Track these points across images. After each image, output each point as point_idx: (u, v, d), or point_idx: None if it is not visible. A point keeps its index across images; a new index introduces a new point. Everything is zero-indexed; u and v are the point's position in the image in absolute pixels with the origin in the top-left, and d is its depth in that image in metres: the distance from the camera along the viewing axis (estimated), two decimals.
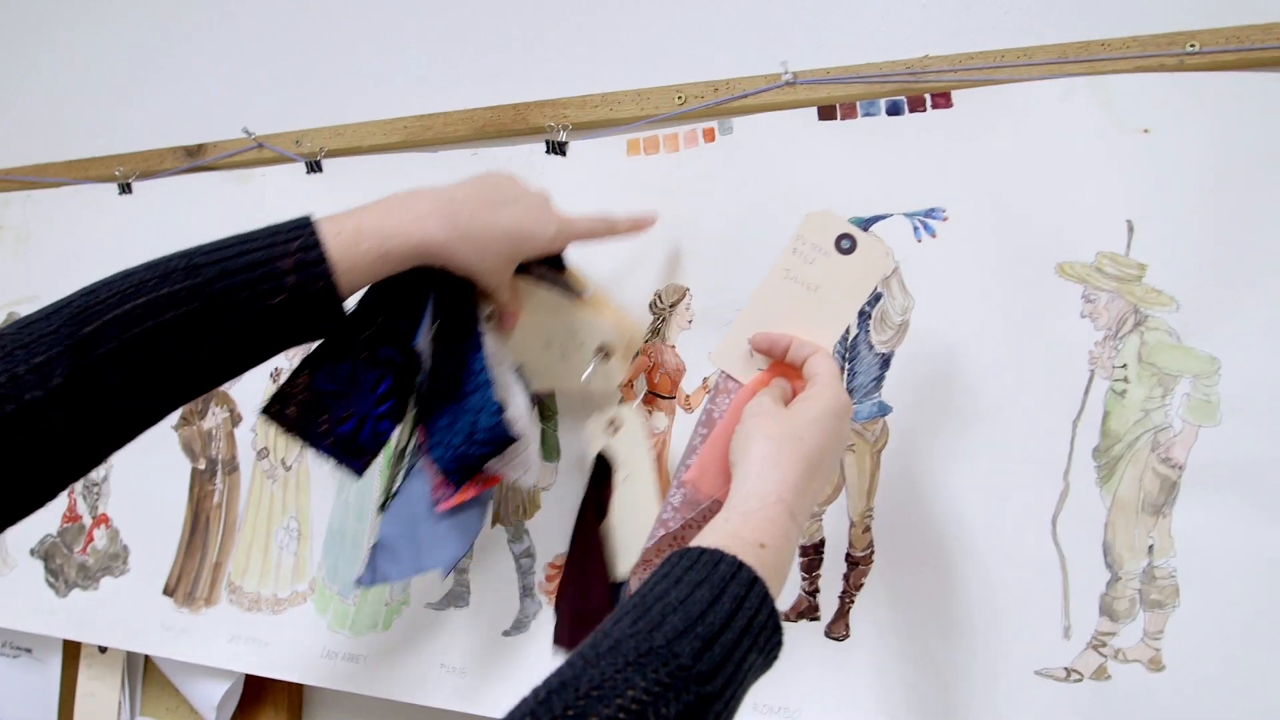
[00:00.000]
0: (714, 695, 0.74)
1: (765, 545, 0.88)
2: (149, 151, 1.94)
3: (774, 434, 1.00)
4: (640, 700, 0.69)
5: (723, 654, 0.77)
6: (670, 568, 0.84)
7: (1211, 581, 1.17)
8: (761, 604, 0.83)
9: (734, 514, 0.93)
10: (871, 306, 1.32)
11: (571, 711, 0.67)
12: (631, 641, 0.74)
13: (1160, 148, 1.21)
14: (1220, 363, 1.17)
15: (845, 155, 1.35)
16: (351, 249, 1.05)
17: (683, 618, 0.77)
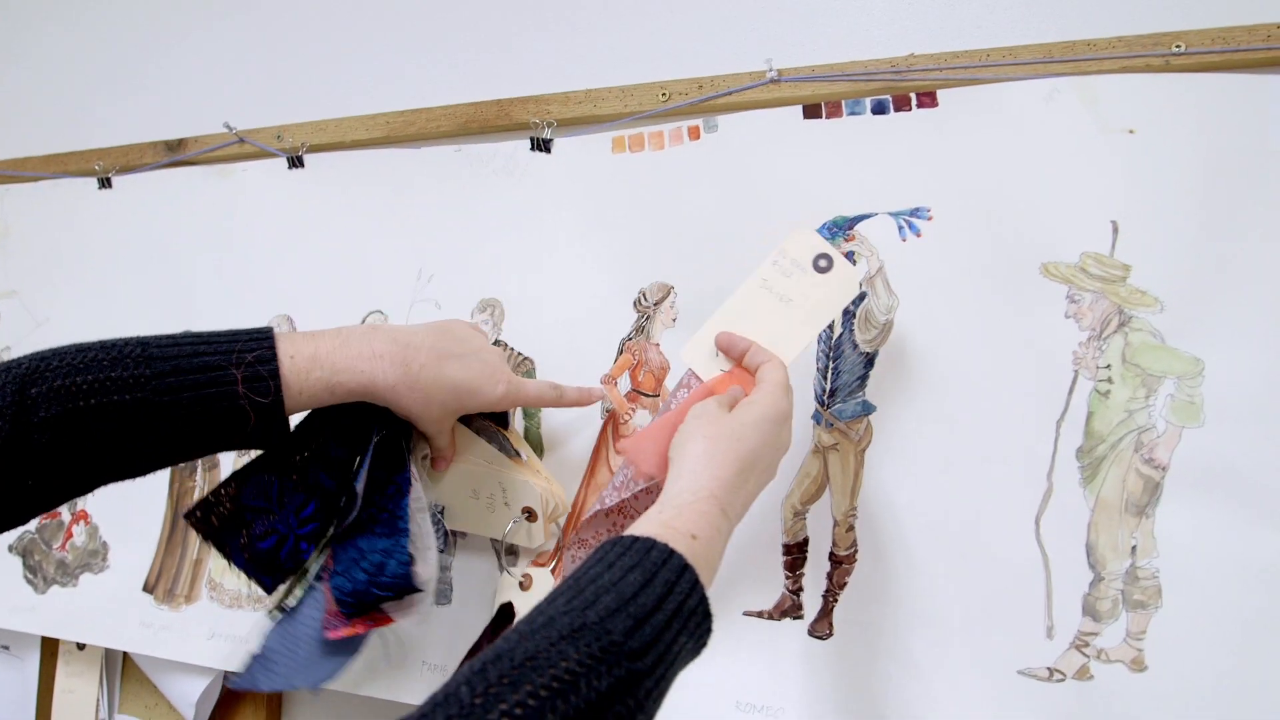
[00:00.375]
0: (645, 672, 0.76)
1: (697, 537, 0.91)
2: (129, 146, 1.93)
3: (712, 434, 1.03)
4: (573, 671, 0.71)
5: (654, 633, 0.79)
6: (603, 553, 0.86)
7: (1194, 582, 1.17)
8: (692, 590, 0.85)
9: (667, 506, 0.95)
10: (856, 305, 1.32)
11: (506, 680, 0.69)
12: (565, 618, 0.76)
13: (1145, 148, 1.21)
14: (1204, 364, 1.18)
15: (830, 154, 1.35)
16: (303, 375, 1.07)
17: (615, 598, 0.79)
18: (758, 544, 1.36)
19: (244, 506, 1.19)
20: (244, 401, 1.03)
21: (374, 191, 1.67)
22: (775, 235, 1.34)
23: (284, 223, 1.75)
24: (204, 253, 1.82)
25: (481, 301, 1.56)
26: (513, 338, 1.54)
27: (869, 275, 1.32)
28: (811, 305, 1.23)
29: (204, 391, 1.01)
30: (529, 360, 1.52)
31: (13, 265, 2.02)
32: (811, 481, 1.33)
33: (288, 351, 1.06)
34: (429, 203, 1.62)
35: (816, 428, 1.33)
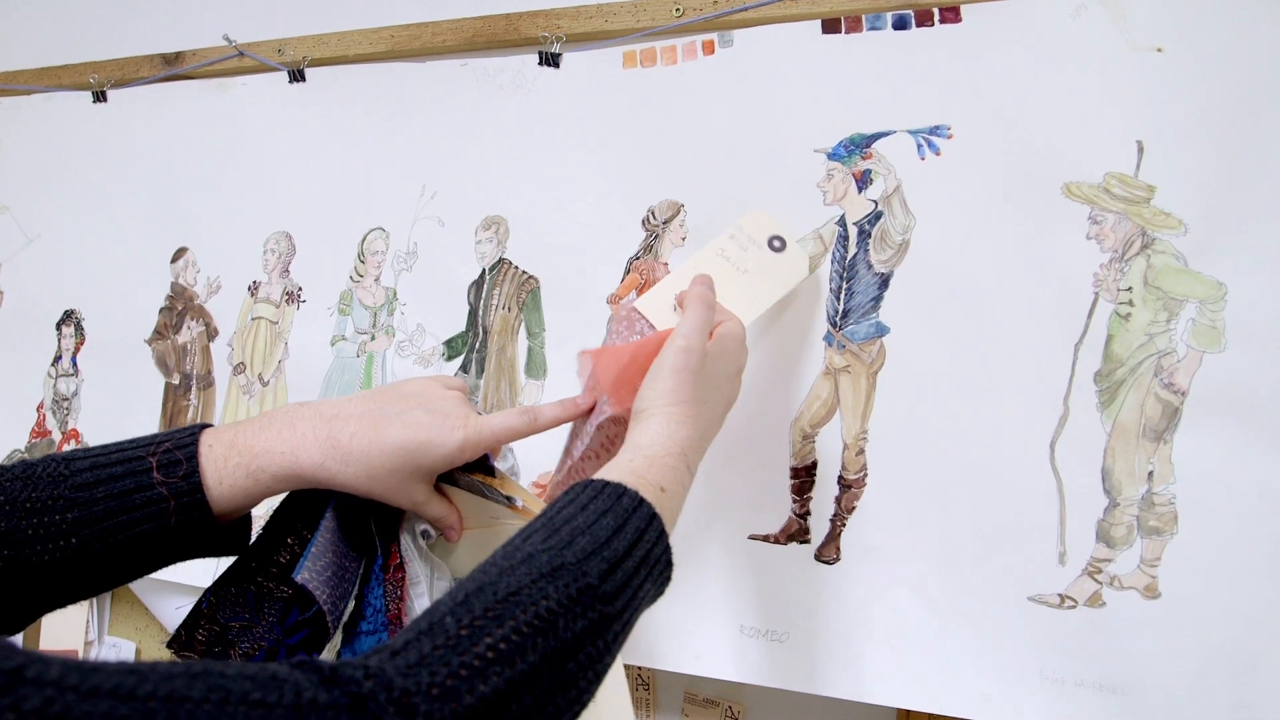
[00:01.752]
0: (614, 615, 0.79)
1: (665, 490, 0.93)
2: (125, 59, 1.89)
3: (686, 397, 1.03)
4: (552, 611, 0.73)
5: (624, 579, 0.81)
6: (576, 494, 0.88)
7: (1211, 509, 1.16)
8: (659, 538, 0.88)
9: (638, 455, 0.97)
10: (872, 225, 1.30)
11: (490, 613, 0.71)
12: (544, 555, 0.78)
13: (1173, 68, 1.18)
14: (1227, 288, 1.16)
15: (849, 70, 1.32)
16: (221, 461, 0.97)
17: (590, 540, 0.81)
18: (765, 467, 1.34)
19: (224, 625, 1.06)
20: (161, 488, 0.93)
21: (377, 107, 1.64)
22: (792, 153, 1.33)
23: (284, 138, 1.72)
24: (202, 169, 1.79)
25: (486, 219, 1.54)
26: (518, 256, 1.51)
27: (886, 194, 1.29)
28: (765, 279, 1.24)
29: (118, 483, 0.93)
30: (534, 279, 1.50)
31: (4, 180, 1.99)
32: (821, 404, 1.31)
33: (207, 440, 0.97)
34: (433, 118, 1.59)
35: (828, 349, 1.31)
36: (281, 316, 1.69)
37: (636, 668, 1.48)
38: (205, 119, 1.79)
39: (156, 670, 0.58)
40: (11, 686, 0.52)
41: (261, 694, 0.59)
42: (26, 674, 0.53)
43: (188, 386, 1.77)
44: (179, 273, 1.80)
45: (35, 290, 1.94)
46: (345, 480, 1.00)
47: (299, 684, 0.61)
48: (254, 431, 0.99)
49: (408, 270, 1.60)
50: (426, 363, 1.56)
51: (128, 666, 0.57)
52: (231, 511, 0.98)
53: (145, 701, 0.55)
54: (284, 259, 1.70)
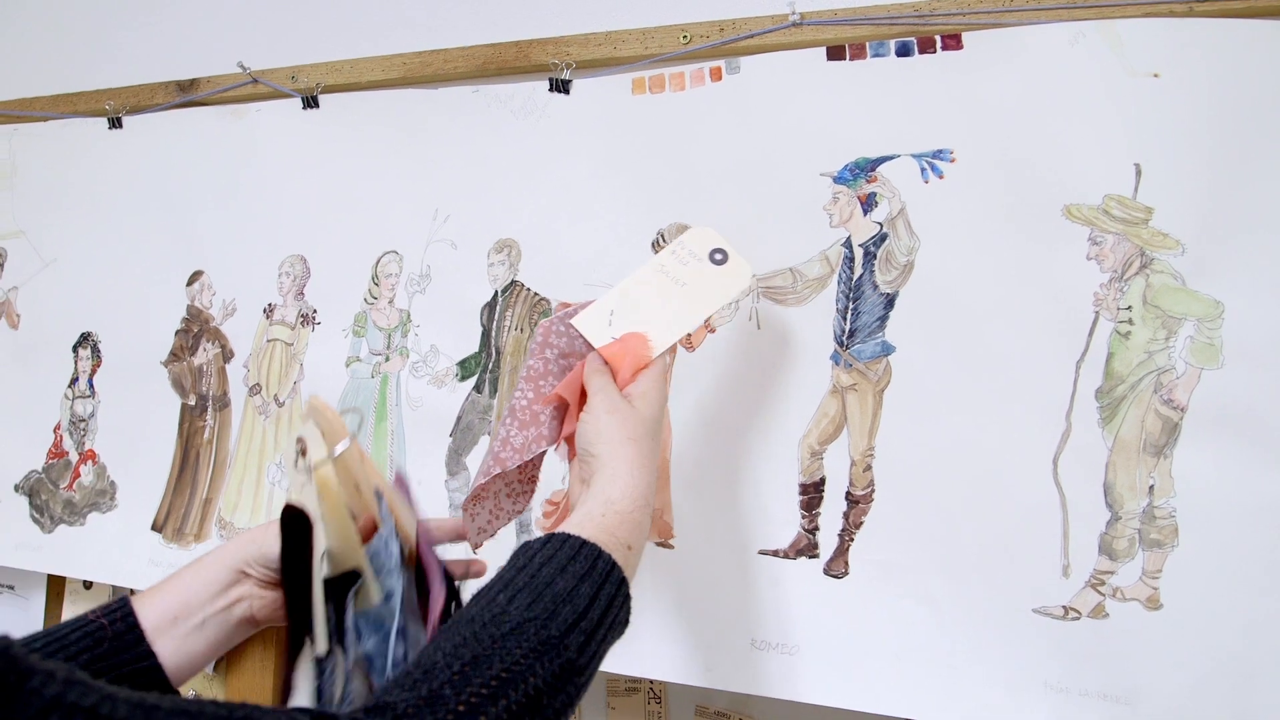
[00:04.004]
0: (584, 684, 0.86)
1: (631, 548, 0.99)
2: (140, 86, 1.92)
3: (636, 434, 1.08)
4: (538, 689, 0.79)
5: (596, 646, 0.88)
6: (555, 550, 0.93)
7: (1211, 522, 1.18)
8: (624, 603, 0.95)
9: (610, 511, 1.01)
10: (877, 247, 1.33)
11: (486, 690, 0.76)
12: (531, 628, 0.83)
13: (1169, 92, 1.21)
14: (1224, 306, 1.19)
15: (853, 96, 1.35)
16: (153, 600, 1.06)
17: (571, 610, 0.87)
18: (774, 483, 1.37)
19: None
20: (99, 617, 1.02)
21: (390, 132, 1.67)
22: (798, 177, 1.36)
23: (298, 164, 1.75)
24: (216, 194, 1.82)
25: (498, 242, 1.57)
26: (530, 278, 1.54)
27: (890, 216, 1.32)
28: (702, 291, 1.23)
29: (70, 636, 1.01)
30: (546, 300, 1.52)
31: (21, 205, 2.02)
32: (829, 422, 1.34)
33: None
34: (446, 143, 1.62)
35: (835, 368, 1.34)
36: (296, 338, 1.72)
37: (649, 681, 1.51)
38: (220, 145, 1.82)
39: (204, 712, 0.63)
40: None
41: None
42: (101, 710, 0.58)
43: (204, 408, 1.80)
44: (194, 295, 1.83)
45: (52, 313, 1.97)
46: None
47: None
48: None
49: (421, 292, 1.62)
50: (440, 383, 1.59)
51: (180, 705, 0.63)
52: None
53: None
54: (299, 282, 1.73)
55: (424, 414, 1.60)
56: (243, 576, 1.07)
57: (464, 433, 1.56)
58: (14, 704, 0.56)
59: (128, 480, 1.86)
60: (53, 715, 0.56)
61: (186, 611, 1.04)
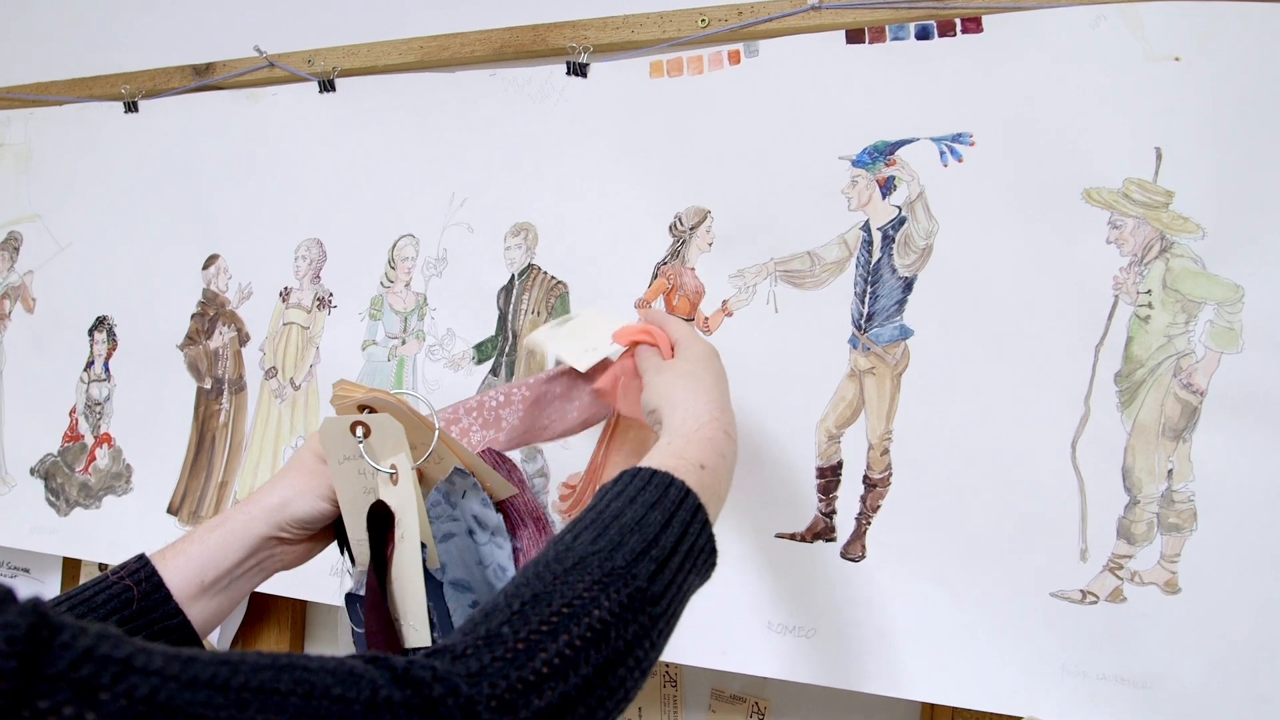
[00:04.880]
0: (661, 614, 0.81)
1: (705, 466, 0.95)
2: (156, 70, 1.92)
3: (682, 370, 1.09)
4: (605, 621, 0.76)
5: (671, 576, 0.84)
6: (625, 485, 0.90)
7: (1229, 506, 1.18)
8: (703, 530, 0.90)
9: (675, 437, 0.99)
10: (895, 230, 1.33)
11: (546, 627, 0.73)
12: (595, 560, 0.80)
13: (1191, 76, 1.21)
14: (1244, 290, 1.18)
15: (873, 79, 1.35)
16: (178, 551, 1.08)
17: (639, 539, 0.83)
18: (791, 467, 1.37)
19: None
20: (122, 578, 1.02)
21: (407, 116, 1.67)
22: (816, 160, 1.37)
23: (315, 147, 1.75)
24: (232, 179, 1.83)
25: (515, 225, 1.57)
26: (547, 262, 1.54)
27: (909, 200, 1.32)
28: (592, 322, 1.31)
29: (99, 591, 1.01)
30: (562, 284, 1.53)
31: (37, 189, 2.02)
32: (847, 405, 1.34)
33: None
34: (462, 127, 1.62)
35: (853, 352, 1.34)
36: (313, 322, 1.73)
37: (664, 664, 1.51)
38: (236, 129, 1.82)
39: (246, 662, 0.62)
40: (124, 674, 0.57)
41: (342, 689, 0.63)
42: (135, 663, 0.57)
43: (219, 391, 1.80)
44: (210, 279, 1.83)
45: (68, 297, 1.97)
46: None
47: (375, 681, 0.65)
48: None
49: (438, 276, 1.63)
50: (457, 366, 1.59)
51: (220, 657, 0.62)
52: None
53: (239, 692, 0.60)
54: (315, 265, 1.74)
55: (440, 397, 1.60)
56: (270, 540, 1.07)
57: None
58: (44, 658, 0.55)
59: (143, 463, 1.87)
60: (84, 667, 0.56)
61: (216, 576, 1.04)
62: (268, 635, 1.80)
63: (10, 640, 0.55)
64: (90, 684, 0.56)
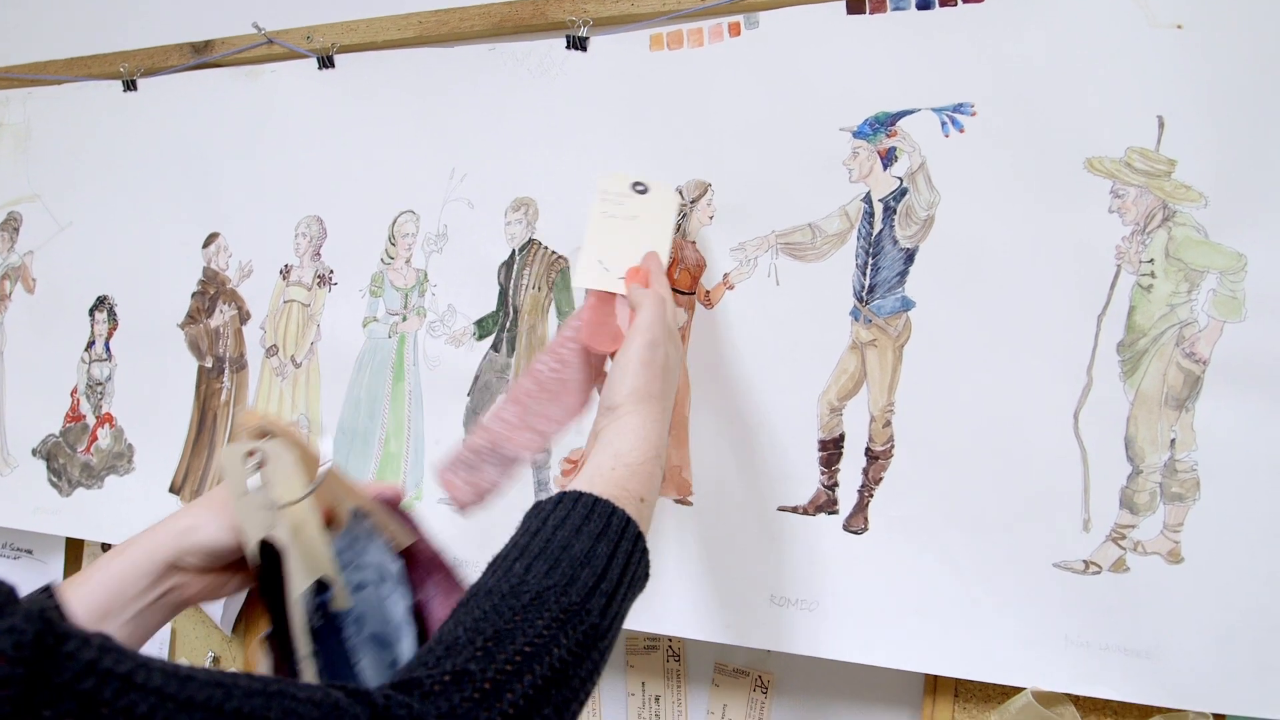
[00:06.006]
0: (608, 646, 0.87)
1: (644, 500, 1.01)
2: (154, 48, 1.92)
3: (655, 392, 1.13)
4: (564, 660, 0.80)
5: (617, 607, 0.90)
6: (568, 511, 0.94)
7: (1232, 475, 1.18)
8: (642, 557, 0.96)
9: (619, 464, 1.03)
10: (897, 202, 1.32)
11: (510, 666, 0.77)
12: (552, 595, 0.84)
13: (1193, 44, 1.20)
14: (1247, 259, 1.18)
15: (873, 50, 1.35)
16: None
17: (590, 573, 0.88)
18: (793, 440, 1.36)
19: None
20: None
21: (406, 92, 1.66)
22: (817, 132, 1.37)
23: (314, 124, 1.74)
24: (232, 155, 1.82)
25: (515, 200, 1.57)
26: (547, 236, 1.54)
27: (910, 171, 1.32)
28: (653, 218, 1.34)
29: None
30: (563, 259, 1.52)
31: (36, 168, 2.02)
32: (849, 378, 1.34)
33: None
34: (462, 102, 1.62)
35: (854, 324, 1.34)
36: (313, 299, 1.72)
37: (668, 638, 1.51)
38: (235, 106, 1.82)
39: (239, 686, 0.64)
40: (125, 690, 0.58)
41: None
42: (136, 679, 0.59)
43: (221, 369, 1.80)
44: (211, 258, 1.83)
45: (68, 277, 1.97)
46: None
47: (358, 717, 0.68)
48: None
49: (438, 252, 1.62)
50: (458, 343, 1.59)
51: (214, 678, 0.63)
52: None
53: (232, 716, 0.62)
54: (315, 242, 1.73)
55: (442, 374, 1.60)
56: (174, 569, 0.99)
57: (481, 392, 1.56)
58: (50, 666, 0.56)
59: (145, 443, 1.87)
60: (87, 680, 0.57)
61: (117, 607, 0.98)
62: None
63: (17, 646, 0.56)
64: (94, 698, 0.57)
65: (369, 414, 1.65)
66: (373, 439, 1.64)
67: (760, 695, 1.47)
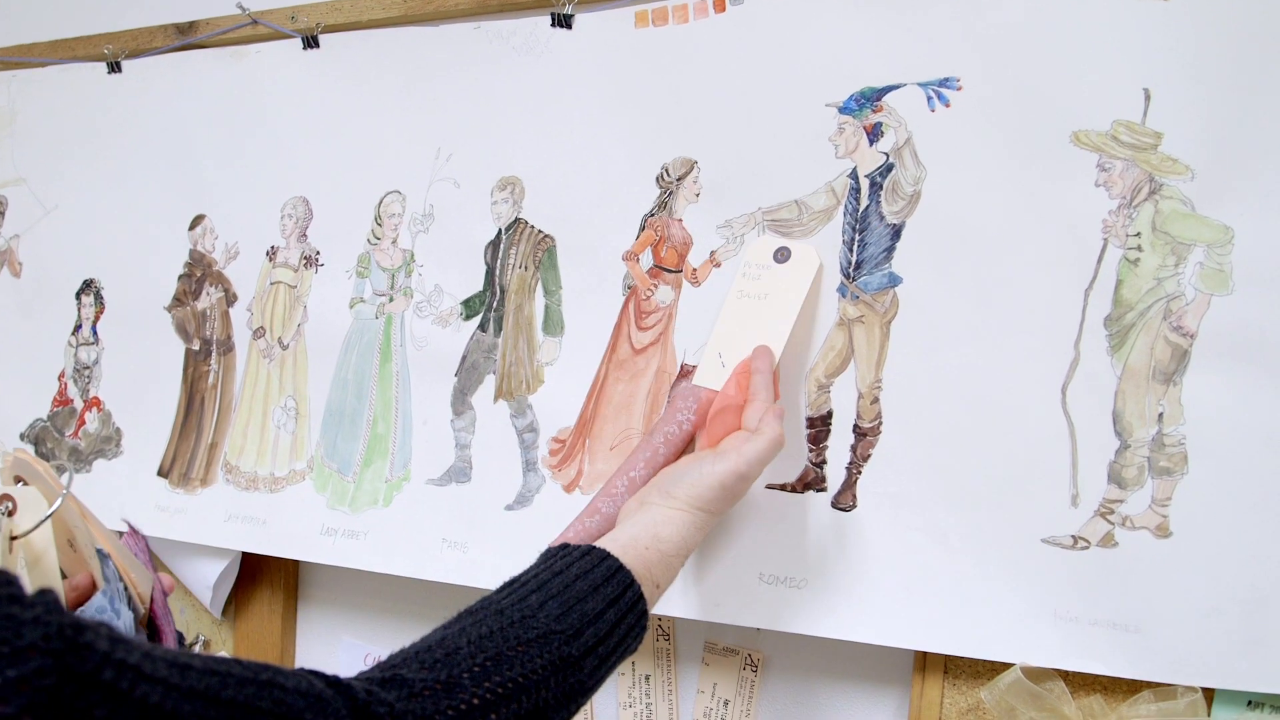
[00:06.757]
0: (586, 700, 0.94)
1: (659, 587, 1.08)
2: (139, 29, 1.91)
3: (716, 509, 1.17)
4: (547, 702, 0.86)
5: (605, 672, 0.96)
6: (592, 567, 1.00)
7: (1220, 449, 1.18)
8: (640, 634, 1.03)
9: (654, 548, 1.08)
10: (883, 177, 1.32)
11: (501, 690, 0.82)
12: (555, 641, 0.89)
13: (1179, 15, 1.20)
14: (1234, 232, 1.17)
15: (858, 24, 1.34)
16: None
17: (594, 634, 0.93)
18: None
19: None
20: None
21: (391, 71, 1.66)
22: (803, 108, 1.36)
23: (299, 105, 1.74)
24: (217, 137, 1.81)
25: (501, 180, 1.56)
26: (534, 216, 1.53)
27: (897, 146, 1.31)
28: (784, 293, 1.32)
29: None
30: (550, 238, 1.52)
31: (20, 152, 2.01)
32: (836, 354, 1.34)
33: None
34: (447, 81, 1.61)
35: (842, 300, 1.33)
36: (300, 280, 1.72)
37: (657, 617, 1.51)
38: (220, 87, 1.81)
39: (232, 675, 0.66)
40: (138, 681, 0.59)
41: (312, 714, 0.69)
42: (145, 669, 0.60)
43: (208, 352, 1.80)
44: (197, 239, 1.82)
45: (54, 260, 1.96)
46: None
47: (340, 711, 0.71)
48: None
49: (424, 232, 1.62)
50: (445, 323, 1.58)
51: (208, 665, 0.65)
52: None
53: (229, 706, 0.64)
54: (301, 223, 1.73)
55: (429, 354, 1.59)
56: None
57: (469, 372, 1.56)
58: (76, 658, 0.57)
59: (133, 426, 1.86)
60: (106, 671, 0.57)
61: None
62: (261, 597, 1.80)
63: (46, 637, 0.56)
64: (114, 688, 0.58)
65: (356, 395, 1.64)
66: (360, 420, 1.64)
67: (750, 673, 1.47)
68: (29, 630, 0.55)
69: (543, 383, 1.51)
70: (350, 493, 1.62)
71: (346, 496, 1.63)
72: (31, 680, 0.54)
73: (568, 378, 1.49)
